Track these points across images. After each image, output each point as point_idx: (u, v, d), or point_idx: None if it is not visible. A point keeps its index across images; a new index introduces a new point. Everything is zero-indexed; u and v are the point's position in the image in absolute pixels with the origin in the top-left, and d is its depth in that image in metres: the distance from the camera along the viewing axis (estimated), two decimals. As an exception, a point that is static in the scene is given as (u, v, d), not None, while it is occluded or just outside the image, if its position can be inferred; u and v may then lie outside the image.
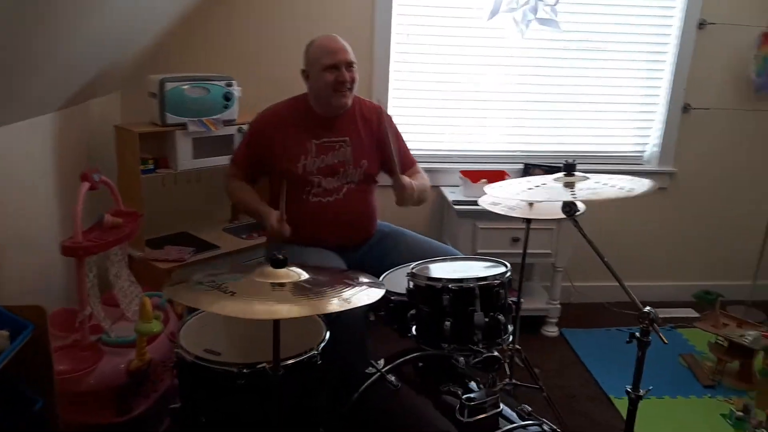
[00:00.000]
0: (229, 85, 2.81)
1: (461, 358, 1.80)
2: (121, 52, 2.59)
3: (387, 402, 1.72)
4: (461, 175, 3.21)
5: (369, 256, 2.45)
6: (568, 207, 1.79)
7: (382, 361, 1.82)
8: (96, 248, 1.92)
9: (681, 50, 3.35)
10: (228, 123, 2.84)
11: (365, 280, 1.58)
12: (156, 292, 2.38)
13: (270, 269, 1.42)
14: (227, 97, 2.81)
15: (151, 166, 2.70)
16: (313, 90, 2.37)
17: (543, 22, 3.19)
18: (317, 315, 1.76)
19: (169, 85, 2.63)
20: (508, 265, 1.79)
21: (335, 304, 1.31)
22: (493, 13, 3.17)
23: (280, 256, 1.41)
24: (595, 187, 1.77)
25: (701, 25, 3.31)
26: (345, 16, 3.11)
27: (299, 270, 1.46)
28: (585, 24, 3.30)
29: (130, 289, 2.26)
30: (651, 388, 1.80)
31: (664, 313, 3.53)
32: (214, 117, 2.78)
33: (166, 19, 2.80)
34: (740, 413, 2.53)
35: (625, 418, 2.53)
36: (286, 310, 1.29)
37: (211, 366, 1.63)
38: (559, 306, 3.26)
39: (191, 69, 2.93)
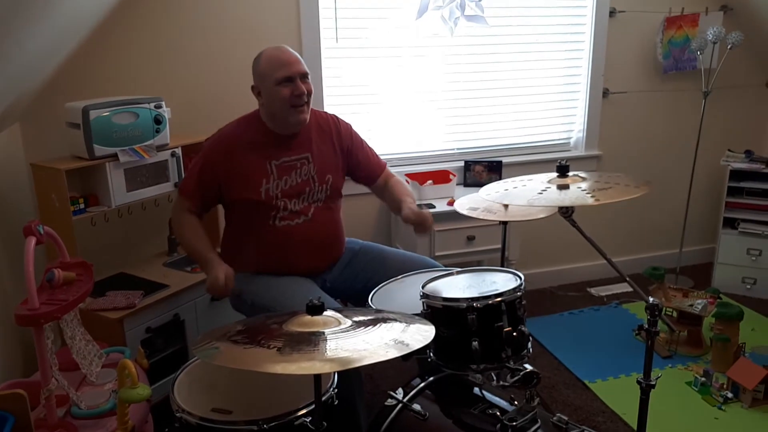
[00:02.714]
0: (158, 106, 2.56)
1: (478, 376, 1.75)
2: (30, 80, 2.28)
3: (417, 434, 1.63)
4: (408, 178, 3.15)
5: (342, 277, 2.34)
6: (565, 210, 1.79)
7: (400, 391, 1.72)
8: (59, 312, 1.66)
9: (596, 38, 3.49)
10: (161, 148, 2.60)
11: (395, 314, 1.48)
12: (116, 348, 2.14)
13: (308, 318, 1.28)
14: (158, 120, 2.56)
15: (82, 206, 2.41)
16: (267, 107, 2.19)
17: (470, 18, 3.19)
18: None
19: (93, 113, 2.35)
20: (521, 275, 1.75)
21: (393, 349, 1.19)
22: (421, 12, 3.13)
23: (316, 302, 1.28)
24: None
25: (612, 13, 3.47)
26: (269, 20, 2.93)
27: (337, 315, 1.33)
28: (507, 18, 3.34)
29: (88, 349, 1.99)
30: (660, 376, 1.85)
31: (604, 290, 3.69)
32: (146, 143, 2.53)
33: (77, 40, 2.50)
34: (703, 379, 2.69)
35: (602, 400, 2.65)
36: (346, 361, 1.16)
37: (227, 427, 1.47)
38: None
39: (102, 93, 2.65)
